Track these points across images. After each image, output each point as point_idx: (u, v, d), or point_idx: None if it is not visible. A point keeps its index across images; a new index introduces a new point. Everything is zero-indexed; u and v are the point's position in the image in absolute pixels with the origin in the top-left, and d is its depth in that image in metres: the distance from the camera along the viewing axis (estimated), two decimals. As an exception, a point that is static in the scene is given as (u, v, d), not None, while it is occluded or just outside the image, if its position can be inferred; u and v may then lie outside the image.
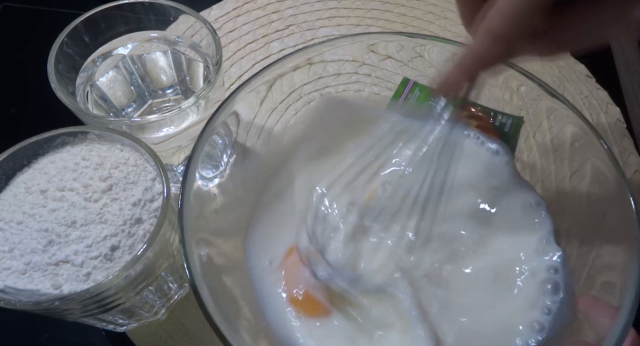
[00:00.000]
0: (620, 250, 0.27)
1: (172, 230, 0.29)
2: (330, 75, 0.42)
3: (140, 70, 0.38)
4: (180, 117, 0.33)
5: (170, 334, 0.36)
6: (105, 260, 0.26)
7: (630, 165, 0.44)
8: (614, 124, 0.47)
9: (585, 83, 0.50)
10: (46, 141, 0.29)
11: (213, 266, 0.29)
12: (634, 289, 0.25)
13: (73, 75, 0.35)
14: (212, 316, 0.24)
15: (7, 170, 0.28)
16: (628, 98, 0.50)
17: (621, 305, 0.24)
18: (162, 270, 0.29)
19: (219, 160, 0.35)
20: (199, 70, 0.38)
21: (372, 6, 0.56)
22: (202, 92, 0.32)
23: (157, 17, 0.36)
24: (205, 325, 0.24)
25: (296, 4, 0.56)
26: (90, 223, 0.27)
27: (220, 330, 0.24)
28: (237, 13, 0.55)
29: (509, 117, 0.40)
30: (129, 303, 0.29)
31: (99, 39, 0.36)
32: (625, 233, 0.27)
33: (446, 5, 0.56)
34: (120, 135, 0.30)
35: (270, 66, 0.34)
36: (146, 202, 0.28)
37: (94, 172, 0.29)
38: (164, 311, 0.35)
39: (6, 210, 0.27)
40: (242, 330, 0.28)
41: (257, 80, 0.34)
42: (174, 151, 0.37)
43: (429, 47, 0.37)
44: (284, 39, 0.53)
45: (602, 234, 0.30)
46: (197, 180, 0.30)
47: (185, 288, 0.36)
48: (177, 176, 0.40)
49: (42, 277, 0.25)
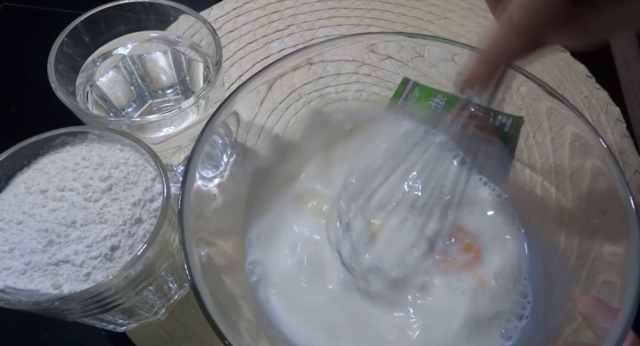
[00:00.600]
0: (620, 250, 0.27)
1: (172, 230, 0.29)
2: (330, 75, 0.42)
3: (140, 70, 0.38)
4: (180, 117, 0.33)
5: (170, 334, 0.36)
6: (105, 260, 0.26)
7: (630, 165, 0.44)
8: (614, 124, 0.47)
9: (585, 83, 0.50)
10: (46, 141, 0.29)
11: (213, 266, 0.29)
12: (634, 290, 0.25)
13: (73, 75, 0.35)
14: (212, 316, 0.24)
15: (7, 170, 0.28)
16: (628, 98, 0.50)
17: (621, 305, 0.24)
18: (162, 270, 0.29)
19: (219, 160, 0.35)
20: (199, 70, 0.38)
21: (372, 6, 0.56)
22: (202, 92, 0.32)
23: (157, 17, 0.36)
24: (206, 325, 0.24)
25: (296, 4, 0.56)
26: (90, 223, 0.27)
27: (220, 330, 0.24)
28: (237, 13, 0.55)
29: (509, 117, 0.40)
30: (129, 303, 0.29)
31: (99, 39, 0.36)
32: (625, 233, 0.27)
33: (446, 5, 0.56)
34: (120, 135, 0.30)
35: (270, 66, 0.34)
36: (146, 202, 0.28)
37: (94, 172, 0.29)
38: (164, 311, 0.35)
39: (6, 210, 0.27)
40: (242, 330, 0.28)
41: (257, 80, 0.34)
42: (174, 151, 0.37)
43: (429, 47, 0.37)
44: (284, 39, 0.53)
45: (602, 234, 0.30)
46: (197, 180, 0.30)
47: (185, 288, 0.36)
48: (177, 176, 0.40)
49: (42, 277, 0.25)
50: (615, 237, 0.29)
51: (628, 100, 0.49)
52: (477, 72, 0.26)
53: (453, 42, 0.35)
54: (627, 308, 0.24)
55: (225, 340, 0.24)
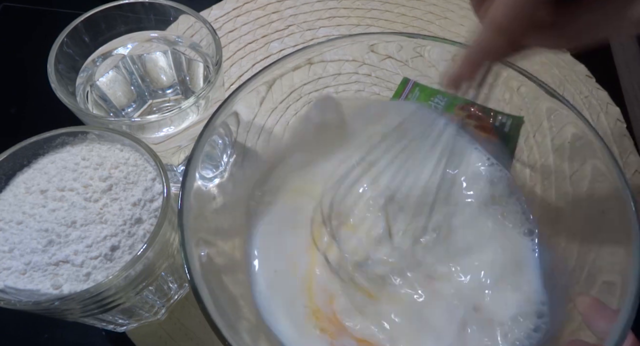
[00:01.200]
0: (620, 249, 0.27)
1: (172, 230, 0.29)
2: (330, 75, 0.42)
3: (140, 70, 0.38)
4: (180, 117, 0.33)
5: (170, 334, 0.36)
6: (105, 260, 0.26)
7: (630, 165, 0.44)
8: (614, 124, 0.47)
9: (585, 83, 0.50)
10: (46, 141, 0.29)
11: (213, 266, 0.29)
12: (634, 290, 0.25)
13: (73, 75, 0.35)
14: (212, 317, 0.24)
15: (7, 170, 0.28)
16: (628, 98, 0.50)
17: (621, 305, 0.24)
18: (162, 270, 0.29)
19: (219, 160, 0.35)
20: (199, 70, 0.38)
21: (372, 6, 0.56)
22: (202, 92, 0.32)
23: (157, 17, 0.36)
24: (206, 325, 0.24)
25: (296, 4, 0.56)
26: (90, 223, 0.27)
27: (220, 330, 0.24)
28: (237, 13, 0.55)
29: (509, 117, 0.40)
30: (129, 303, 0.29)
31: (99, 39, 0.36)
32: (625, 233, 0.27)
33: (446, 5, 0.56)
34: (120, 135, 0.30)
35: (270, 66, 0.34)
36: (146, 202, 0.28)
37: (94, 172, 0.29)
38: (164, 311, 0.35)
39: (6, 210, 0.27)
40: (242, 330, 0.28)
41: (257, 80, 0.34)
42: (174, 151, 0.37)
43: (429, 47, 0.37)
44: (284, 39, 0.53)
45: (602, 234, 0.30)
46: (197, 180, 0.30)
47: (185, 288, 0.36)
48: (177, 176, 0.40)
49: (42, 277, 0.25)
50: (615, 237, 0.29)
51: (628, 100, 0.49)
52: (461, 71, 0.26)
53: (453, 42, 0.35)
54: (626, 309, 0.24)
55: (225, 341, 0.24)
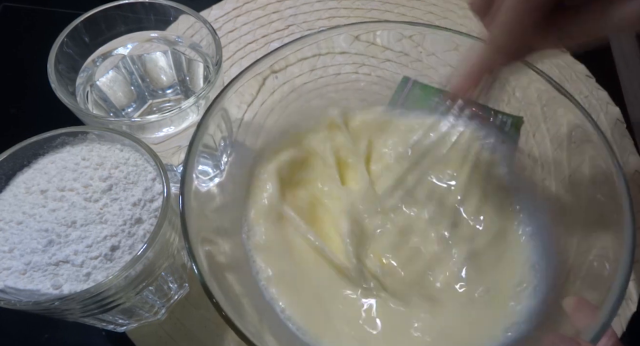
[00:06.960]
0: (619, 249, 0.27)
1: (172, 230, 0.29)
2: (330, 75, 0.42)
3: (140, 70, 0.38)
4: (180, 117, 0.33)
5: (170, 334, 0.36)
6: (105, 260, 0.26)
7: (630, 165, 0.44)
8: (614, 124, 0.47)
9: (585, 83, 0.50)
10: (46, 141, 0.29)
11: (215, 265, 0.29)
12: (618, 284, 0.25)
13: (73, 75, 0.35)
14: (225, 310, 0.25)
15: (7, 170, 0.28)
16: (628, 98, 0.50)
17: (604, 299, 0.25)
18: (162, 270, 0.30)
19: (218, 160, 0.35)
20: (199, 70, 0.38)
21: (372, 6, 0.56)
22: (202, 92, 0.32)
23: (157, 17, 0.36)
24: (206, 325, 0.24)
25: (296, 4, 0.56)
26: (90, 223, 0.27)
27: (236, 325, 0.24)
28: (237, 13, 0.55)
29: (509, 117, 0.40)
30: (129, 303, 0.29)
31: (99, 39, 0.36)
32: (624, 233, 0.27)
33: (446, 5, 0.56)
34: (120, 135, 0.30)
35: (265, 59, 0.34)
36: (146, 202, 0.28)
37: (94, 172, 0.29)
38: (164, 311, 0.35)
39: (6, 210, 0.27)
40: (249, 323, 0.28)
41: (257, 80, 0.34)
42: (174, 151, 0.37)
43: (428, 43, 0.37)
44: (284, 39, 0.53)
45: (602, 233, 0.30)
46: (194, 180, 0.30)
47: (185, 288, 0.36)
48: (177, 176, 0.40)
49: (42, 277, 0.25)
50: (614, 237, 0.29)
51: (628, 100, 0.49)
52: (462, 85, 0.29)
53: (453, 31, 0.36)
54: (609, 301, 0.24)
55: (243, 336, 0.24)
